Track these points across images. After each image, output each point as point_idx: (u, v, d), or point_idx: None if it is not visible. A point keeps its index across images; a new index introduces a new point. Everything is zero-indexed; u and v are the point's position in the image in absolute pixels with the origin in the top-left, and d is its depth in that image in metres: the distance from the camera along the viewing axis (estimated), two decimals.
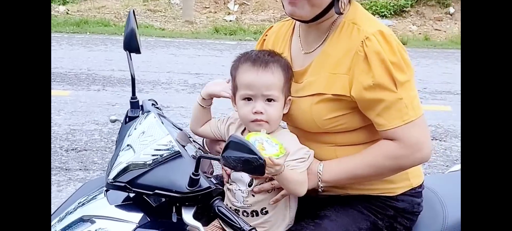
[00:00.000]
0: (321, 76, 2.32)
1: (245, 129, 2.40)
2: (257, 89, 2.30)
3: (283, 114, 2.37)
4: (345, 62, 2.27)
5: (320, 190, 2.34)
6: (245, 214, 2.33)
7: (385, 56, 2.20)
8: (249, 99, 2.32)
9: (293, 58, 2.48)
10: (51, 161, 5.80)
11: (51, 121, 7.00)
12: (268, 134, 2.27)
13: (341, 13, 2.32)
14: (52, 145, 6.23)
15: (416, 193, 2.46)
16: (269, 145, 2.17)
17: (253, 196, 2.31)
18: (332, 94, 2.28)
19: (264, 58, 2.33)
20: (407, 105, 2.23)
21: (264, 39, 2.68)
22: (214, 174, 2.48)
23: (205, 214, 2.18)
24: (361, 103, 2.26)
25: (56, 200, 4.52)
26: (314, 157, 2.36)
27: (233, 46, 12.45)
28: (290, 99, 2.37)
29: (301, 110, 2.35)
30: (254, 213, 2.33)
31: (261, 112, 2.29)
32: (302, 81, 2.39)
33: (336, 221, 2.36)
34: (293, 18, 2.41)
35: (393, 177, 2.38)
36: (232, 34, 14.18)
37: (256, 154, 1.94)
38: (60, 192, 5.11)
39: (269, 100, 2.30)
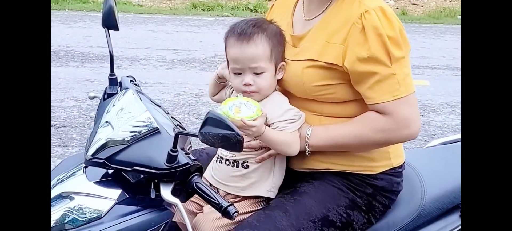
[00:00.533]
0: (317, 43, 2.35)
1: None
2: (243, 64, 2.34)
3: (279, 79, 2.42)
4: (342, 32, 2.30)
5: (307, 153, 2.38)
6: (227, 162, 2.40)
7: (383, 31, 2.23)
8: (238, 73, 2.36)
9: (294, 23, 2.52)
10: None
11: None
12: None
13: None
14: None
15: (396, 172, 2.48)
16: (247, 107, 2.22)
17: None
18: (324, 62, 2.31)
19: (248, 30, 2.35)
20: (400, 81, 2.25)
21: (273, 4, 2.73)
22: (192, 149, 2.49)
23: (183, 190, 2.19)
24: (353, 76, 2.28)
25: None
26: None
27: (211, 22, 12.42)
28: (283, 64, 2.41)
29: (293, 73, 2.39)
30: (235, 164, 2.39)
31: (250, 84, 2.34)
32: (299, 46, 2.43)
33: (315, 197, 2.38)
34: None
35: (374, 155, 2.41)
36: (210, 10, 14.14)
37: (233, 130, 1.95)
38: None
39: (257, 72, 2.34)
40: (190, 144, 2.48)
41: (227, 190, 2.43)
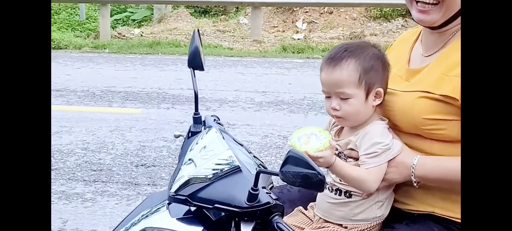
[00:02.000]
0: (433, 76, 2.27)
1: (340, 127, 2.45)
2: (329, 88, 2.33)
3: (377, 106, 2.35)
4: None
5: (415, 185, 2.27)
6: (330, 190, 2.36)
7: None
8: (328, 96, 2.35)
9: (411, 58, 2.47)
10: (122, 176, 5.99)
11: (123, 138, 7.20)
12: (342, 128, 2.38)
13: None
14: (123, 160, 6.45)
15: None
16: (316, 138, 2.19)
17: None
18: (439, 95, 2.21)
19: (338, 55, 2.32)
20: None
21: (392, 44, 2.71)
22: (274, 188, 2.50)
23: (264, 230, 2.19)
24: None
25: (125, 214, 4.63)
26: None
27: (301, 64, 12.45)
28: (380, 91, 2.33)
29: (402, 103, 2.31)
30: (338, 192, 2.35)
31: (336, 109, 2.31)
32: (412, 80, 2.37)
33: None
34: (420, 24, 2.39)
35: None
36: (300, 53, 14.15)
37: (315, 169, 1.93)
38: (129, 206, 5.23)
39: (343, 98, 2.30)
40: (272, 183, 2.49)
41: (329, 219, 2.38)
